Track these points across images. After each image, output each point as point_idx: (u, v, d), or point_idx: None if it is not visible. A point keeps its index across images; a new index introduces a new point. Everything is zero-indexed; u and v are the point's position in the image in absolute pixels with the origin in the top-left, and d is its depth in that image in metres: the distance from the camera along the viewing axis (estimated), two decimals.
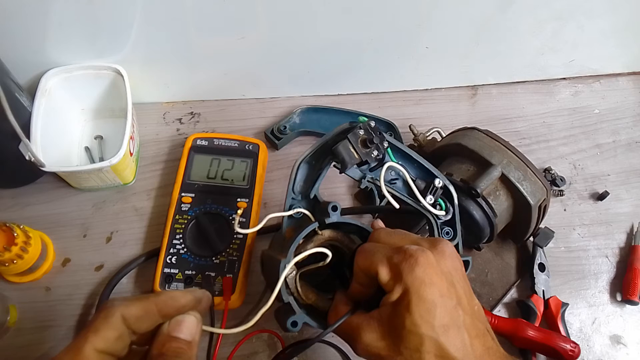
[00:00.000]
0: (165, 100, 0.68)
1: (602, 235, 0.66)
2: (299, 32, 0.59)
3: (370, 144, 0.45)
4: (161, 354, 0.32)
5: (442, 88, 0.75)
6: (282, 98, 0.70)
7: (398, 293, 0.35)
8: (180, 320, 0.33)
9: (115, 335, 0.31)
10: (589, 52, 0.73)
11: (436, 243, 0.39)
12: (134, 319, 0.32)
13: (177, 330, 0.33)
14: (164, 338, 0.33)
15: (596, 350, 0.59)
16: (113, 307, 0.32)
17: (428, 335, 0.34)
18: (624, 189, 0.69)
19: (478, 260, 0.61)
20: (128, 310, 0.32)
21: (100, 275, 0.55)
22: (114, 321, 0.31)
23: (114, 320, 0.31)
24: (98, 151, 0.62)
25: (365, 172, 0.48)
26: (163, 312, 0.33)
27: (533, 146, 0.71)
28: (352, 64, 0.67)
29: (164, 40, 0.57)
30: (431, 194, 0.49)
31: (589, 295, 0.62)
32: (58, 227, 0.57)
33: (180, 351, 0.32)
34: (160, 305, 0.33)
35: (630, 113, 0.76)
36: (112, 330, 0.31)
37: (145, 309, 0.32)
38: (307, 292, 0.44)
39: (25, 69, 0.56)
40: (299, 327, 0.40)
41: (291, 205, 0.47)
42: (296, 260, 0.42)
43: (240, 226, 0.47)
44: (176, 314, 0.34)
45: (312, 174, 0.48)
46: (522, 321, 0.55)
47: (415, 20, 0.60)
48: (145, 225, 0.59)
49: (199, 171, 0.59)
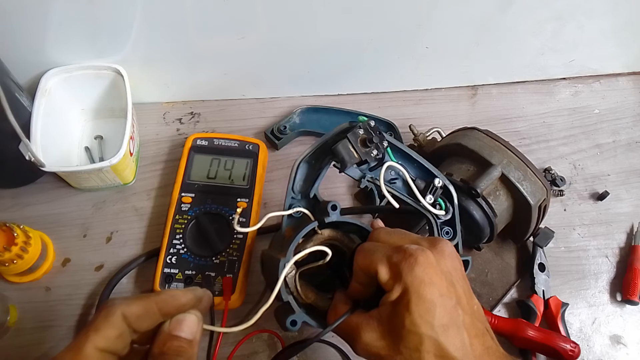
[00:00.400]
0: (165, 100, 0.68)
1: (602, 235, 0.66)
2: (299, 32, 0.59)
3: (370, 143, 0.45)
4: (162, 353, 0.32)
5: (442, 88, 0.75)
6: (282, 98, 0.70)
7: (398, 292, 0.35)
8: (181, 319, 0.33)
9: (116, 333, 0.31)
10: (589, 52, 0.73)
11: (436, 243, 0.39)
12: (134, 318, 0.32)
13: (178, 329, 0.33)
14: (165, 337, 0.33)
15: (596, 350, 0.59)
16: (114, 305, 0.32)
17: (427, 335, 0.34)
18: (624, 189, 0.69)
19: (478, 260, 0.61)
20: (129, 309, 0.32)
21: (100, 275, 0.55)
22: (114, 320, 0.31)
23: (115, 319, 0.31)
24: (98, 151, 0.62)
25: (365, 172, 0.48)
26: (164, 311, 0.33)
27: (533, 146, 0.71)
28: (352, 64, 0.67)
29: (164, 40, 0.57)
30: (431, 193, 0.49)
31: (589, 295, 0.62)
32: (58, 227, 0.57)
33: (182, 350, 0.32)
34: (161, 303, 0.33)
35: (630, 113, 0.76)
36: (112, 329, 0.31)
37: (145, 307, 0.32)
38: (307, 291, 0.44)
39: (25, 69, 0.56)
40: (298, 326, 0.40)
41: (291, 204, 0.47)
42: (296, 259, 0.42)
43: (240, 226, 0.47)
44: (177, 313, 0.34)
45: (311, 174, 0.48)
46: (522, 321, 0.55)
47: (415, 20, 0.60)
48: (145, 225, 0.59)
49: (199, 171, 0.59)
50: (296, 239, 0.43)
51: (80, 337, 0.30)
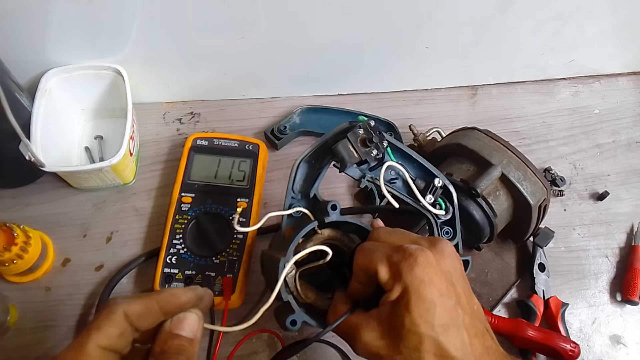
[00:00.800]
0: (165, 100, 0.68)
1: (602, 235, 0.66)
2: (299, 32, 0.59)
3: (370, 143, 0.45)
4: (163, 352, 0.32)
5: (442, 88, 0.75)
6: (282, 98, 0.70)
7: (397, 292, 0.35)
8: (182, 317, 0.34)
9: (117, 332, 0.31)
10: (589, 52, 0.73)
11: (436, 242, 0.39)
12: (136, 316, 0.32)
13: (179, 328, 0.33)
14: (166, 335, 0.33)
15: (596, 350, 0.59)
16: (116, 304, 0.32)
17: (427, 335, 0.34)
18: (624, 189, 0.69)
19: (478, 260, 0.61)
20: (130, 308, 0.32)
21: (100, 275, 0.55)
22: (116, 318, 0.31)
23: (117, 317, 0.31)
24: (98, 151, 0.62)
25: (364, 172, 0.48)
26: (165, 310, 0.33)
27: (533, 146, 0.71)
28: (352, 64, 0.67)
29: (164, 40, 0.57)
30: (431, 193, 0.49)
31: (589, 295, 0.62)
32: (58, 227, 0.57)
33: (182, 348, 0.32)
34: (162, 302, 0.33)
35: (630, 113, 0.76)
36: (114, 327, 0.31)
37: (147, 306, 0.33)
38: (307, 291, 0.44)
39: (25, 69, 0.56)
40: (298, 326, 0.40)
41: (291, 204, 0.47)
42: (296, 258, 0.42)
43: (240, 226, 0.47)
44: (178, 312, 0.34)
45: (311, 173, 0.48)
46: (522, 321, 0.55)
47: (415, 20, 0.60)
48: (145, 225, 0.59)
49: (199, 171, 0.59)
50: (296, 239, 0.43)
51: (82, 335, 0.30)
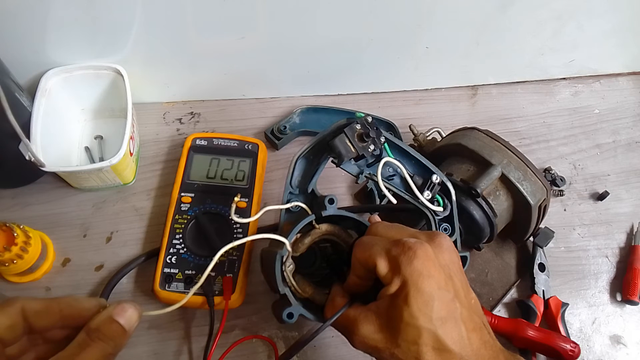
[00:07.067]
0: (165, 100, 0.68)
1: (602, 235, 0.66)
2: (299, 32, 0.59)
3: (367, 137, 0.45)
4: (98, 330, 0.33)
5: (442, 88, 0.75)
6: (282, 98, 0.70)
7: (396, 285, 0.36)
8: (125, 307, 0.35)
9: (7, 323, 0.32)
10: (589, 52, 0.73)
11: (434, 236, 0.39)
12: (33, 312, 0.33)
13: (120, 316, 0.34)
14: (106, 318, 0.34)
15: (596, 350, 0.59)
16: (16, 298, 0.33)
17: (426, 328, 0.34)
18: (624, 189, 0.69)
19: (478, 260, 0.61)
20: (29, 304, 0.33)
21: (100, 275, 0.55)
22: (10, 310, 0.33)
23: (12, 310, 0.33)
24: (98, 151, 0.62)
25: (362, 168, 0.48)
26: (64, 313, 0.34)
27: (533, 146, 0.71)
28: (352, 64, 0.67)
29: (164, 40, 0.57)
30: (428, 189, 0.49)
31: (589, 295, 0.62)
32: (58, 227, 0.57)
33: (116, 335, 0.33)
34: (63, 305, 0.34)
35: (630, 113, 0.76)
36: (5, 318, 0.32)
37: (47, 306, 0.34)
38: (304, 285, 0.44)
39: (25, 69, 0.56)
40: (295, 319, 0.40)
41: (289, 199, 0.47)
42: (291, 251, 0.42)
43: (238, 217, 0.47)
44: (78, 317, 0.34)
45: (310, 169, 0.48)
46: (522, 321, 0.55)
47: (415, 20, 0.60)
48: (145, 225, 0.59)
49: (199, 171, 0.59)
50: (294, 231, 0.44)
51: None
